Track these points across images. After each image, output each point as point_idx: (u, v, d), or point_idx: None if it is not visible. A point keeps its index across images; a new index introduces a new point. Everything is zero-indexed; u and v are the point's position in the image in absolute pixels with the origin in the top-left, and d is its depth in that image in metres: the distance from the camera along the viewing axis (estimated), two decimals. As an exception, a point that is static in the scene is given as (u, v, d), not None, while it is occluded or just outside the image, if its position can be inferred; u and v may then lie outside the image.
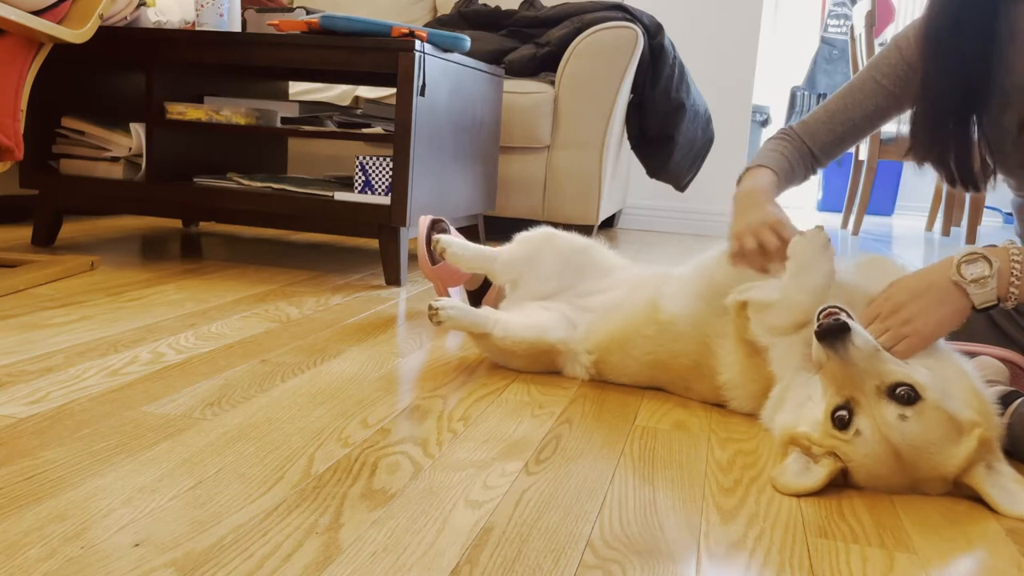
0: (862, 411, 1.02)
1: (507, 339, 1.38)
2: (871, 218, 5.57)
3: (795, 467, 1.04)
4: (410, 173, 2.03)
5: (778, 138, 1.55)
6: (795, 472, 1.03)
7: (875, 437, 1.00)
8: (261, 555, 0.78)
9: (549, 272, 1.51)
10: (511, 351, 1.40)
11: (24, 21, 1.75)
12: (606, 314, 1.40)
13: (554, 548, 0.83)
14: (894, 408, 1.00)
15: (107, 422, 1.07)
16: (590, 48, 2.99)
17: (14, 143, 1.78)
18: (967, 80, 1.37)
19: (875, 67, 1.49)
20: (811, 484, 1.01)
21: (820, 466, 1.03)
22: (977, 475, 1.01)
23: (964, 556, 0.89)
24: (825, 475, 1.02)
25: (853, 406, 1.02)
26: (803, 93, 6.16)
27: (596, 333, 1.39)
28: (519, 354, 1.40)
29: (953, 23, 1.36)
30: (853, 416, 1.02)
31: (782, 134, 1.55)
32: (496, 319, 1.40)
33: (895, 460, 1.01)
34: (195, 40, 2.15)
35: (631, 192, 3.96)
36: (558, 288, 1.51)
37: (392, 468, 1.00)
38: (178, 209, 2.31)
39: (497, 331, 1.38)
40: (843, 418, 1.02)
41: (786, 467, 1.04)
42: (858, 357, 1.02)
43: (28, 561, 0.74)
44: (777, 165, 1.49)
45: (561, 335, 1.40)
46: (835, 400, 1.04)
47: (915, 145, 1.45)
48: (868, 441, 1.01)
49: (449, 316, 1.37)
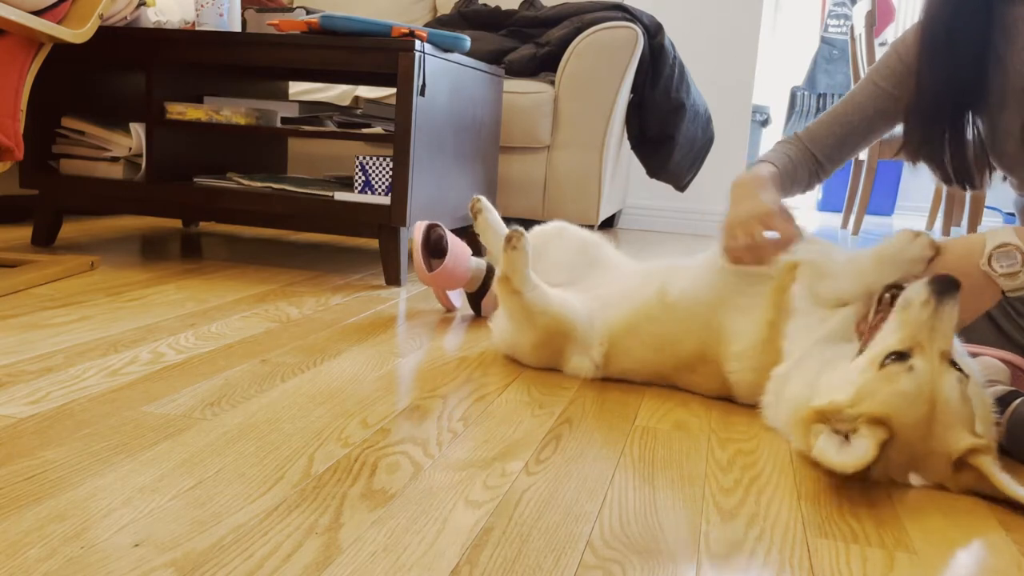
0: (922, 356, 1.02)
1: (537, 303, 1.37)
2: (871, 218, 5.57)
3: (831, 445, 1.01)
4: (410, 173, 2.03)
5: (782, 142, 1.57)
6: (836, 451, 1.00)
7: (924, 378, 1.00)
8: (261, 555, 0.78)
9: (560, 263, 1.54)
10: (533, 319, 1.38)
11: (24, 21, 1.75)
12: (618, 302, 1.40)
13: (554, 548, 0.83)
14: (953, 371, 1.02)
15: (107, 422, 1.07)
16: (590, 48, 2.99)
17: (14, 143, 1.78)
18: (960, 81, 1.38)
19: (875, 71, 1.50)
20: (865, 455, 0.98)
21: (860, 437, 1.00)
22: (983, 459, 1.01)
23: (964, 556, 0.89)
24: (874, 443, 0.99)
25: (913, 351, 1.02)
26: (803, 93, 6.16)
27: (608, 319, 1.39)
28: (539, 325, 1.39)
29: (948, 25, 1.37)
30: (910, 357, 1.02)
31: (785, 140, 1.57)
32: (537, 281, 1.39)
33: (926, 409, 1.00)
34: (195, 40, 2.15)
35: (631, 192, 3.96)
36: (568, 279, 1.52)
37: (392, 468, 1.00)
38: (178, 209, 2.31)
39: (532, 291, 1.38)
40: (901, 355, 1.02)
41: (824, 448, 1.01)
42: (948, 318, 1.03)
43: (28, 561, 0.74)
44: (778, 161, 1.50)
45: (583, 322, 1.39)
46: (894, 347, 1.03)
47: (907, 143, 1.46)
48: (916, 378, 1.00)
49: (524, 247, 1.36)
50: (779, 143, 1.57)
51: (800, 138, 1.54)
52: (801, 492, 1.02)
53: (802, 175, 1.53)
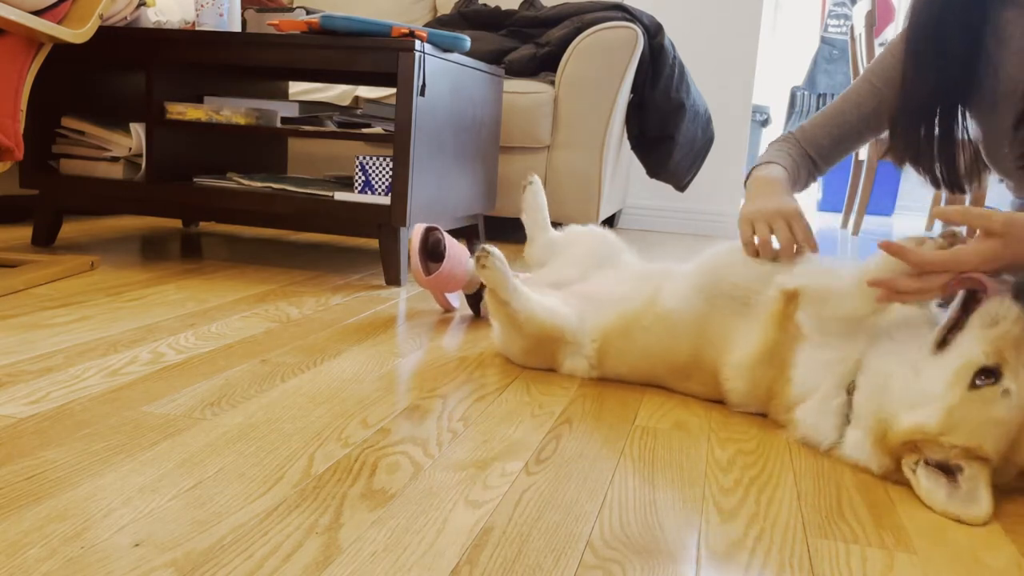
0: (1012, 375, 0.96)
1: (522, 312, 1.38)
2: (871, 218, 5.57)
3: (939, 488, 0.97)
4: (410, 173, 2.03)
5: (781, 140, 1.56)
6: (946, 496, 0.96)
7: (1020, 402, 0.96)
8: (261, 555, 0.78)
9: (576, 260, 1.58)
10: (520, 327, 1.40)
11: (24, 21, 1.75)
12: (612, 305, 1.40)
13: (554, 548, 0.83)
14: None
15: (107, 422, 1.07)
16: (590, 48, 2.99)
17: (14, 143, 1.78)
18: (947, 83, 1.37)
19: (870, 71, 1.50)
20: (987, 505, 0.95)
21: (971, 480, 0.96)
22: None
23: (964, 556, 0.89)
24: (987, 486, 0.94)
25: (1003, 370, 0.96)
26: (803, 93, 6.17)
27: (600, 322, 1.39)
28: (526, 333, 1.40)
29: (935, 28, 1.36)
30: (1002, 377, 0.96)
31: (783, 140, 1.56)
32: (522, 291, 1.40)
33: (1019, 432, 0.97)
34: (195, 40, 2.15)
35: (631, 192, 3.96)
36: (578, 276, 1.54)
37: (392, 468, 1.00)
38: (178, 209, 2.31)
39: (518, 301, 1.39)
40: (989, 373, 0.96)
41: (932, 491, 0.97)
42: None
43: (28, 561, 0.74)
44: (784, 162, 1.50)
45: (572, 326, 1.40)
46: (981, 361, 0.97)
47: (893, 146, 1.45)
48: (1013, 404, 0.95)
49: (494, 266, 1.36)
50: (777, 142, 1.56)
51: (796, 137, 1.53)
52: (801, 492, 1.02)
53: (802, 175, 1.53)
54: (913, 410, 1.00)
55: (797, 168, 1.50)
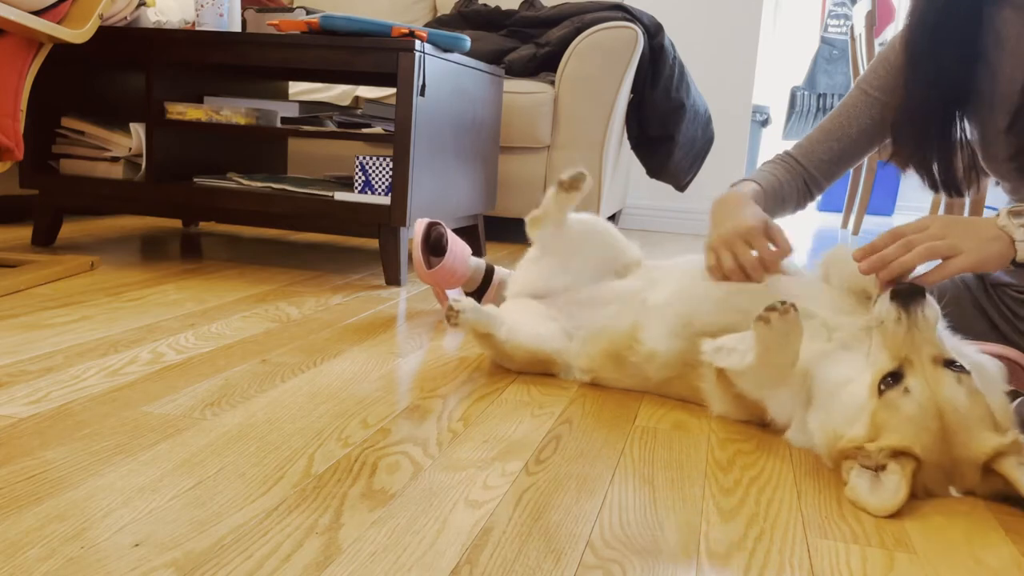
0: (914, 373, 1.01)
1: (508, 343, 1.39)
2: (871, 218, 5.57)
3: (863, 483, 1.00)
4: (410, 173, 2.03)
5: (772, 161, 1.54)
6: (868, 489, 0.99)
7: (924, 395, 0.99)
8: (261, 555, 0.78)
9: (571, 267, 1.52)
10: (510, 354, 1.41)
11: (24, 21, 1.75)
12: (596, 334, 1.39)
13: (554, 548, 0.83)
14: (950, 373, 1.00)
15: (107, 422, 1.07)
16: (590, 48, 2.99)
17: (14, 143, 1.78)
18: (947, 86, 1.36)
19: (864, 81, 1.49)
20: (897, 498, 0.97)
21: (890, 473, 0.99)
22: (1009, 464, 0.99)
23: (964, 556, 0.89)
24: (905, 479, 0.97)
25: (904, 370, 1.01)
26: (803, 93, 6.16)
27: (587, 351, 1.39)
28: (517, 359, 1.42)
29: (933, 30, 1.35)
30: (903, 378, 1.01)
31: (776, 158, 1.54)
32: (503, 322, 1.40)
33: (938, 423, 0.99)
34: (195, 40, 2.15)
35: (631, 192, 3.96)
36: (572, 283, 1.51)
37: (392, 468, 1.00)
38: (178, 209, 2.31)
39: (502, 334, 1.39)
40: (894, 375, 1.01)
41: (856, 486, 1.00)
42: (925, 325, 1.02)
43: (28, 561, 0.74)
44: (762, 180, 1.48)
45: (558, 347, 1.42)
46: (886, 367, 1.03)
47: (897, 151, 1.45)
48: (915, 399, 0.99)
49: (467, 320, 1.37)
50: (766, 163, 1.55)
51: (793, 156, 1.52)
52: (801, 492, 1.02)
53: (790, 193, 1.51)
54: (851, 425, 1.04)
55: (781, 186, 1.49)
